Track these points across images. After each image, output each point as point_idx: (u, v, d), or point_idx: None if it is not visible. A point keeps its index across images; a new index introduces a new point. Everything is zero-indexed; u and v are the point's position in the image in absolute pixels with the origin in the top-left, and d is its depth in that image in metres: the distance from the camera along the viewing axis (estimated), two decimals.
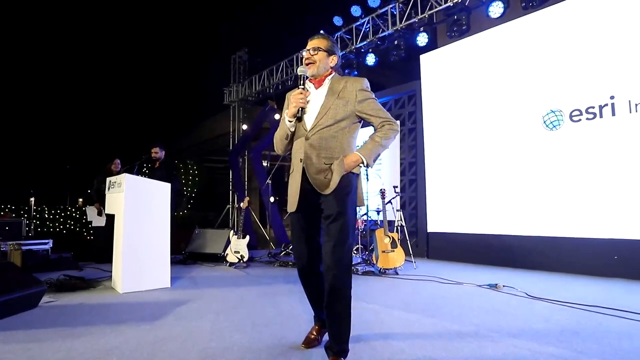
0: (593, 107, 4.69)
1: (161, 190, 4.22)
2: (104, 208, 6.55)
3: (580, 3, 4.90)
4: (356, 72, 7.78)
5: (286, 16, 11.06)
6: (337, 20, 7.76)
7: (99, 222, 6.16)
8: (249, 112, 11.61)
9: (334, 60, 2.13)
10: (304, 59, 2.11)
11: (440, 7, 6.21)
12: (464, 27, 6.05)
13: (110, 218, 5.11)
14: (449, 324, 2.69)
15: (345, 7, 7.55)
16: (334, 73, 2.15)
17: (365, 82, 2.10)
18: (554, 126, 5.01)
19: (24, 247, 4.96)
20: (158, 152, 6.00)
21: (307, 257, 2.07)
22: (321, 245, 2.03)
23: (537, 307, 3.13)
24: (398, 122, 2.17)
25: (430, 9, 6.35)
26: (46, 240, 5.55)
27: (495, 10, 5.66)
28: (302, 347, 2.19)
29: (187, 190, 13.06)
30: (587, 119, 4.73)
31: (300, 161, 2.02)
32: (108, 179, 4.77)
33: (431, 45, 6.64)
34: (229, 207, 11.54)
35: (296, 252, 2.13)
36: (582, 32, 4.86)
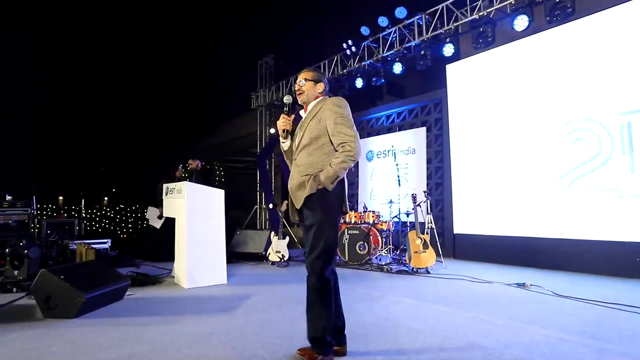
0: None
1: (217, 196, 4.70)
2: None
3: (602, 19, 5.18)
4: (383, 80, 8.15)
5: (314, 26, 11.47)
6: (365, 30, 8.10)
7: (156, 223, 6.66)
8: (276, 115, 12.05)
9: (320, 87, 2.40)
10: (295, 89, 2.44)
11: (466, 19, 6.53)
12: (489, 39, 6.36)
13: (167, 220, 5.64)
14: (484, 316, 3.09)
15: (372, 17, 7.90)
16: (320, 97, 2.39)
17: (336, 101, 2.29)
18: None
19: (91, 246, 5.51)
20: (193, 163, 6.54)
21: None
22: None
23: (563, 304, 3.49)
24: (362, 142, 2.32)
25: (456, 20, 6.67)
26: (105, 240, 6.13)
27: (520, 23, 5.91)
28: (297, 352, 2.26)
29: None
30: None
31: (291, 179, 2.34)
32: (165, 186, 5.28)
33: (456, 55, 6.96)
34: (256, 208, 12.05)
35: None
36: (603, 45, 5.14)
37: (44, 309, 3.07)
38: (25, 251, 4.14)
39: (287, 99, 2.43)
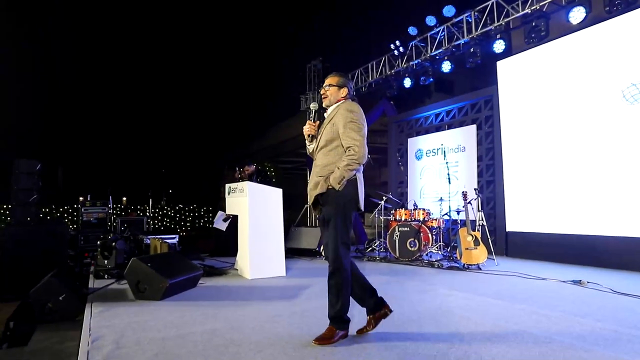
0: None
1: (275, 195, 5.07)
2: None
3: None
4: (431, 79, 8.19)
5: (361, 28, 11.67)
6: (412, 30, 8.17)
7: (222, 226, 7.14)
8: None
9: (344, 91, 2.58)
10: (321, 93, 2.64)
11: (517, 15, 6.44)
12: (542, 34, 6.22)
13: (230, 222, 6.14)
14: (538, 309, 3.16)
15: (420, 17, 7.97)
16: (342, 101, 2.58)
17: (349, 106, 2.49)
18: None
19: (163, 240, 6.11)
20: (249, 169, 7.01)
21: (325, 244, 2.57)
22: None
23: (622, 301, 3.46)
24: (365, 152, 2.44)
25: (507, 16, 6.59)
26: (173, 236, 6.74)
27: (577, 15, 5.71)
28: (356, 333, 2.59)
29: None
30: None
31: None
32: (227, 185, 5.75)
33: (507, 51, 6.86)
34: (307, 207, 12.45)
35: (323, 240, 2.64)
36: None
37: (135, 292, 3.56)
38: (114, 244, 4.74)
39: (313, 105, 2.71)
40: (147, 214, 15.94)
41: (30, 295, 3.37)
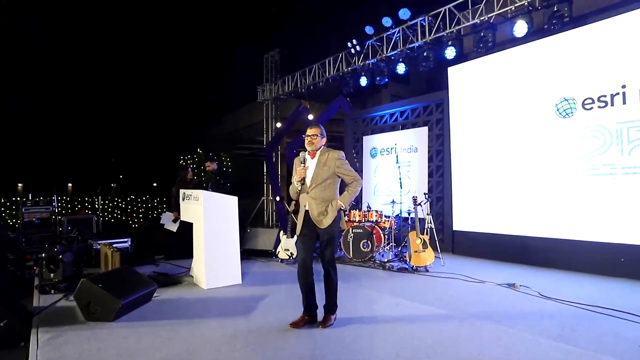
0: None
1: (230, 203, 5.07)
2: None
3: (597, 29, 5.39)
4: (386, 79, 8.39)
5: (319, 24, 11.62)
6: (369, 30, 8.31)
7: (172, 227, 6.99)
8: (281, 108, 12.31)
9: (324, 140, 3.45)
10: (307, 141, 3.38)
11: (468, 23, 6.75)
12: (489, 44, 6.56)
13: (182, 223, 6.05)
14: (474, 320, 3.48)
15: (376, 17, 8.09)
16: (322, 147, 3.41)
17: (340, 154, 3.38)
18: (566, 116, 5.59)
19: (114, 246, 5.92)
20: (210, 165, 6.87)
21: (304, 259, 3.35)
22: (314, 252, 3.37)
23: (547, 306, 3.87)
24: (361, 178, 3.45)
25: (458, 24, 6.89)
26: (126, 239, 6.54)
27: (520, 30, 6.09)
28: (289, 326, 3.28)
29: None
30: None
31: (305, 206, 3.36)
32: (182, 191, 5.66)
33: (459, 57, 7.16)
34: (263, 199, 12.47)
35: (299, 256, 3.42)
36: (598, 54, 5.37)
37: (86, 314, 3.49)
38: (60, 256, 4.56)
39: (302, 154, 3.45)
40: (96, 206, 15.17)
41: None
